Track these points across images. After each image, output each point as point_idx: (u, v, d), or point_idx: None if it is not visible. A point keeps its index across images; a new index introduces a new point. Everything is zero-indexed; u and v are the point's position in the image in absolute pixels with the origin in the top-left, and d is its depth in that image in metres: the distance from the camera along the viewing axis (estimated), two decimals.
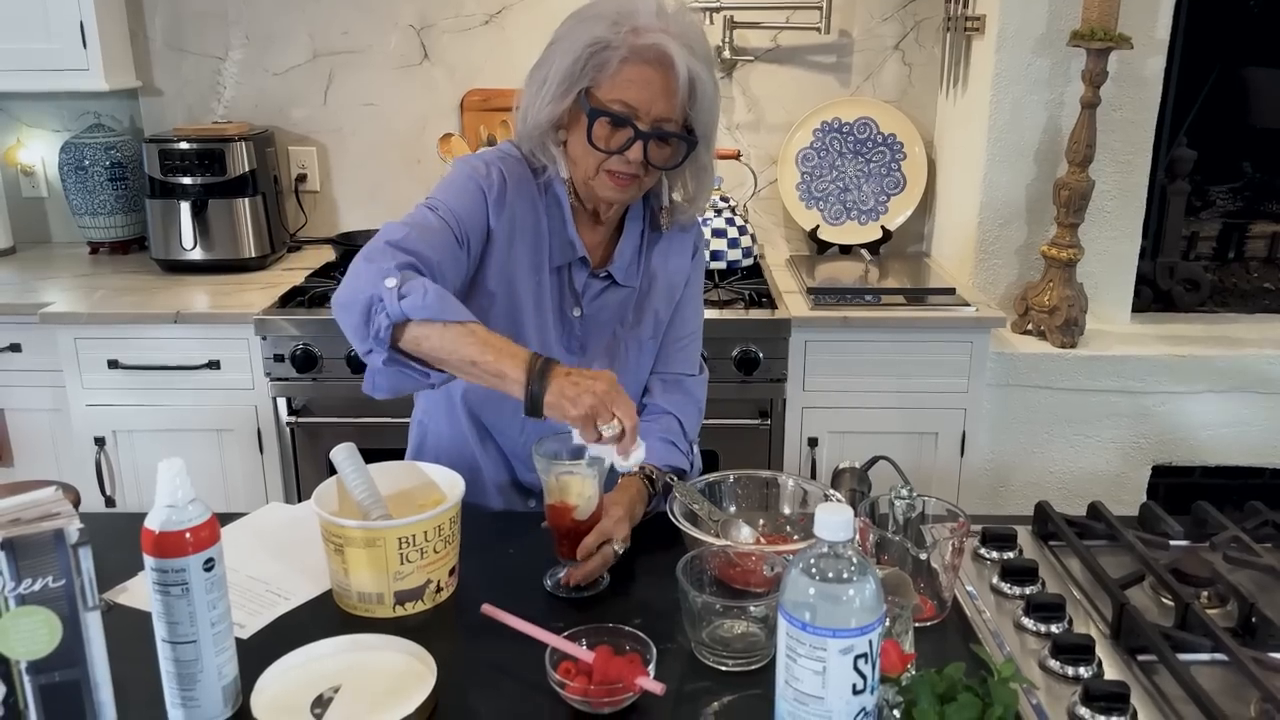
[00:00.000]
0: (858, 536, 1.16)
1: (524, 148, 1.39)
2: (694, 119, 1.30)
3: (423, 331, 1.17)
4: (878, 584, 0.86)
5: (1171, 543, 1.28)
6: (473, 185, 1.34)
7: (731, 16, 2.72)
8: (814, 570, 0.85)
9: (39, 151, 2.90)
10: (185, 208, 2.58)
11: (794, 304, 2.38)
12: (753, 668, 1.07)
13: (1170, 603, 1.15)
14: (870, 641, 0.84)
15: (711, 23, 2.73)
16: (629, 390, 1.41)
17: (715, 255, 2.54)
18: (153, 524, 0.93)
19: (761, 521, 1.33)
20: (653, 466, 1.36)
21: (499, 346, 1.16)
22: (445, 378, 1.23)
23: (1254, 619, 1.09)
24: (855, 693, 0.85)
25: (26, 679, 0.81)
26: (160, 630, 0.96)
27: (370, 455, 1.29)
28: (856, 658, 0.84)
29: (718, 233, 2.56)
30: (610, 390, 1.13)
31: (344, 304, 1.22)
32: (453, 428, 1.49)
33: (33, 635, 0.81)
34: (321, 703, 1.00)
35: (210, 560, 0.95)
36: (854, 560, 0.86)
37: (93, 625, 0.84)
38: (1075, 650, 1.03)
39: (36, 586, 0.80)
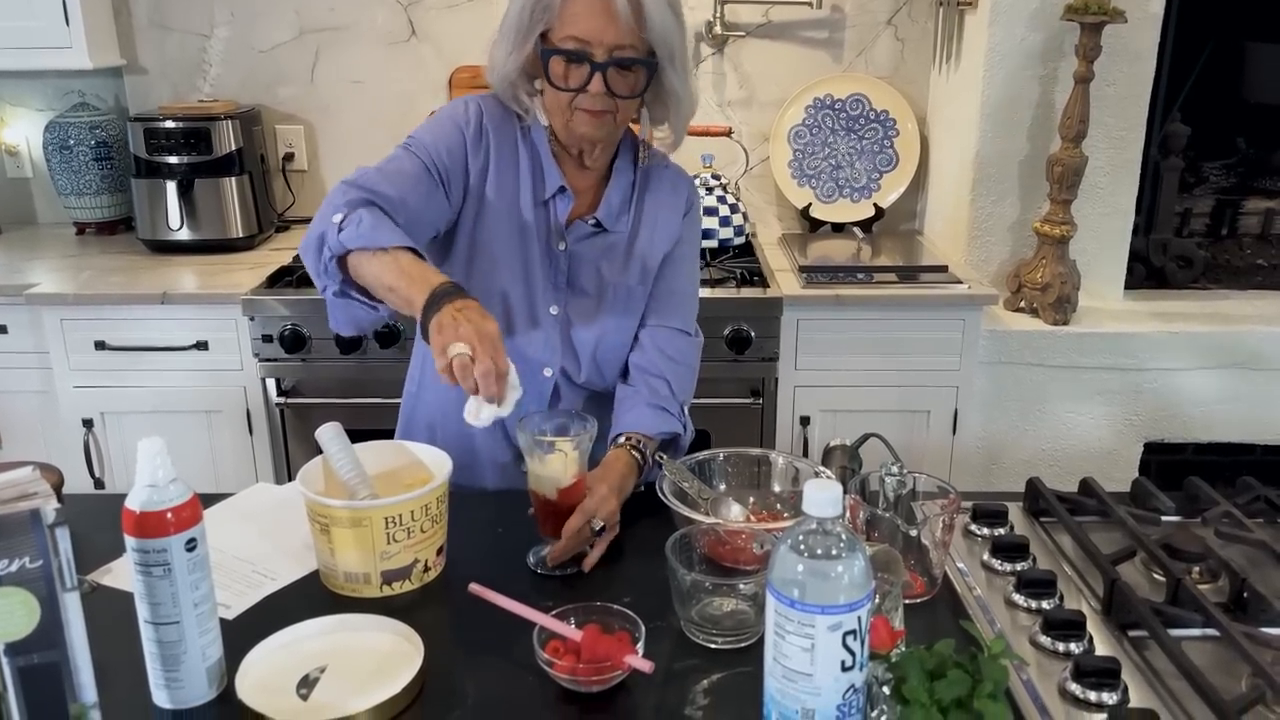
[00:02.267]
0: (848, 513, 1.16)
1: (504, 96, 1.42)
2: (651, 41, 1.30)
3: (359, 260, 1.22)
4: (866, 561, 0.85)
5: (1163, 518, 1.27)
6: (450, 123, 1.39)
7: None
8: (802, 547, 0.84)
9: (23, 131, 2.87)
10: (171, 187, 2.56)
11: (786, 282, 2.37)
12: (742, 645, 1.07)
13: (1161, 578, 1.14)
14: (859, 618, 0.84)
15: None
16: (617, 337, 1.45)
17: (707, 234, 2.52)
18: (133, 504, 0.92)
19: (752, 499, 1.33)
20: (641, 435, 1.36)
21: (414, 274, 1.18)
22: (391, 309, 1.25)
23: (1245, 594, 1.09)
24: (844, 669, 0.84)
25: (5, 661, 0.80)
26: (143, 611, 0.95)
27: (361, 435, 1.28)
28: (845, 634, 0.83)
29: (709, 211, 2.54)
30: (487, 335, 1.11)
31: (304, 247, 1.29)
32: (449, 403, 1.47)
33: (10, 617, 0.80)
34: (307, 683, 0.99)
35: (193, 540, 0.94)
36: (843, 537, 0.85)
37: (71, 606, 0.83)
38: (1066, 626, 1.03)
39: (13, 567, 0.79)
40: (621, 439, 1.35)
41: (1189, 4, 2.48)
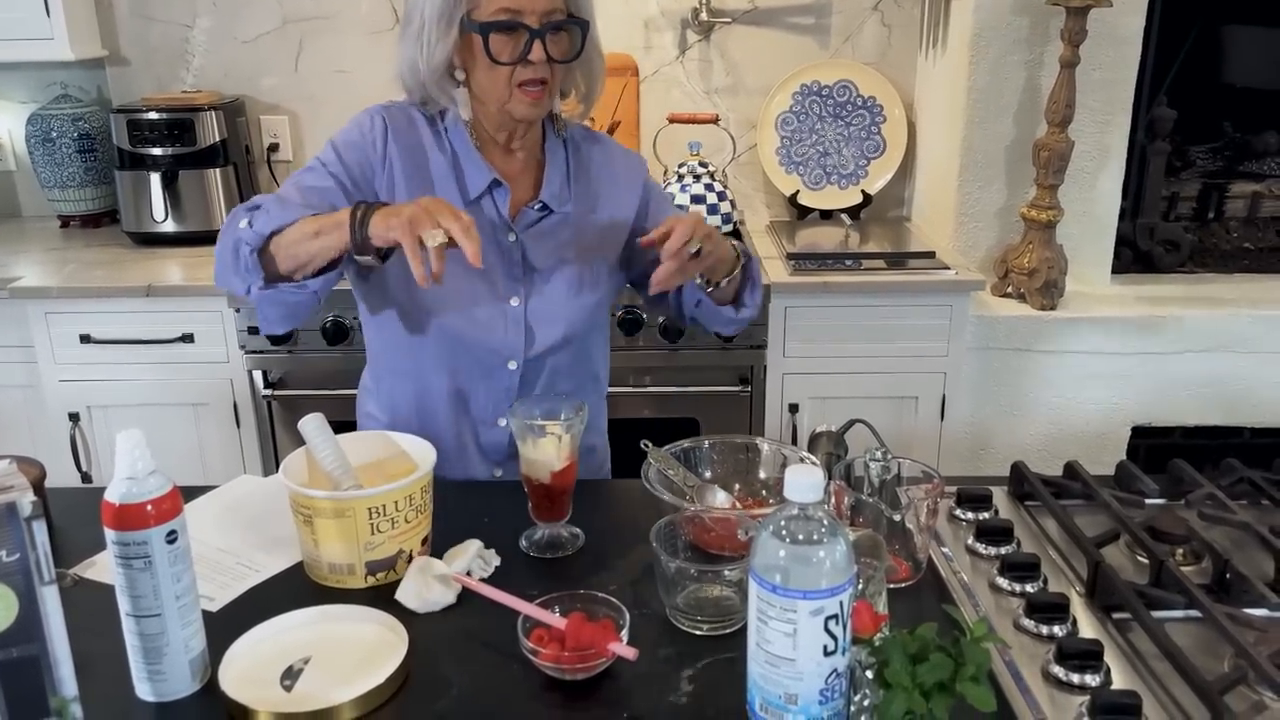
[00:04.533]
0: (833, 499, 1.16)
1: (416, 98, 1.42)
2: (575, 5, 1.31)
3: (276, 242, 1.26)
4: (848, 545, 0.85)
5: (1147, 501, 1.28)
6: (355, 135, 1.40)
7: None
8: (784, 532, 0.84)
9: (5, 124, 2.85)
10: (155, 179, 2.54)
11: (774, 270, 2.37)
12: (727, 631, 1.07)
13: (1145, 560, 1.14)
14: (841, 603, 0.84)
15: None
16: (581, 313, 1.45)
17: None
18: (112, 496, 0.92)
19: (738, 486, 1.32)
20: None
21: (334, 216, 1.24)
22: (321, 283, 1.30)
23: (1228, 575, 1.09)
24: (826, 654, 0.84)
25: None
26: (124, 604, 0.94)
27: (349, 426, 1.28)
28: (827, 619, 0.83)
29: (696, 199, 2.53)
30: (434, 202, 1.16)
31: (217, 272, 1.34)
32: (417, 402, 1.47)
33: None
34: (291, 674, 0.99)
35: (173, 532, 0.93)
36: (824, 522, 0.85)
37: (50, 600, 0.82)
38: (1049, 609, 1.03)
39: None
40: None
41: None
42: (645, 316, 2.27)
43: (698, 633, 1.07)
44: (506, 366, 1.43)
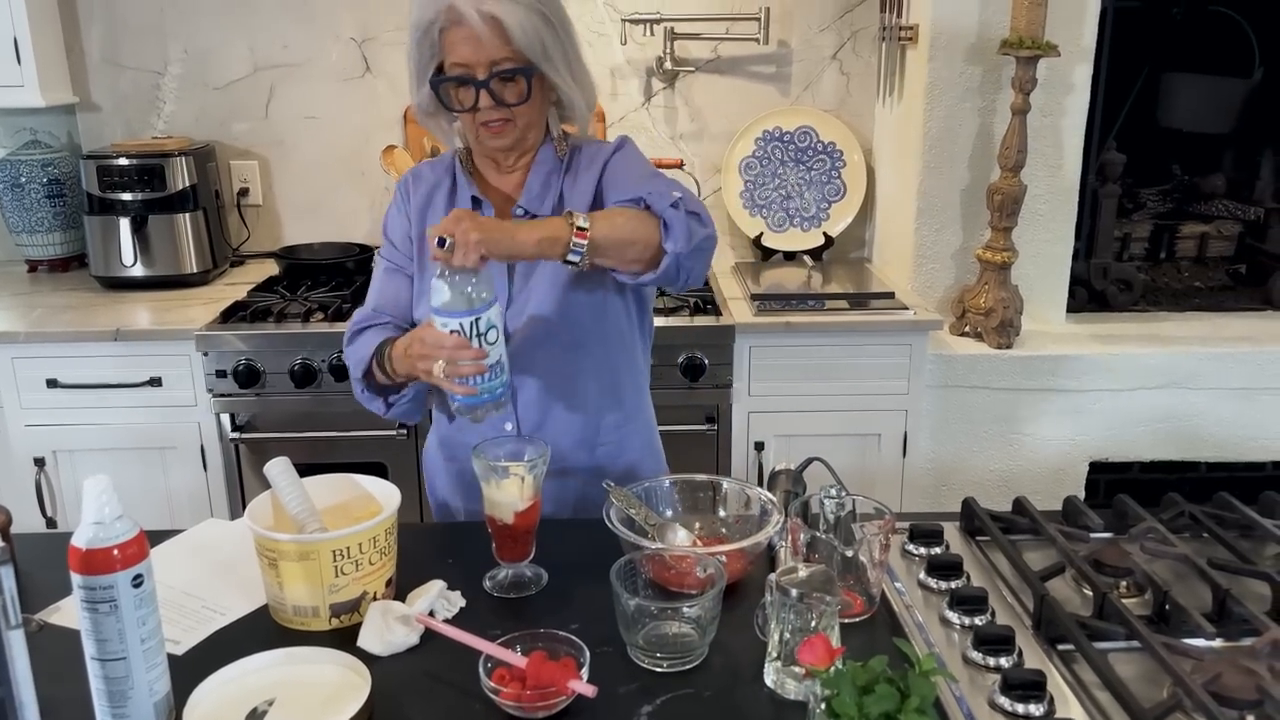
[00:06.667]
0: (789, 536, 1.19)
1: (430, 130, 1.54)
2: (524, 51, 1.38)
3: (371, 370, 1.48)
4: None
5: (1092, 535, 1.32)
6: (393, 210, 1.58)
7: (672, 28, 2.75)
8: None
9: None
10: (125, 224, 2.56)
11: (738, 310, 2.41)
12: (687, 668, 1.09)
13: (1089, 593, 1.18)
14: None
15: (652, 34, 2.76)
16: (558, 307, 1.47)
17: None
18: (79, 541, 0.93)
19: (698, 525, 1.35)
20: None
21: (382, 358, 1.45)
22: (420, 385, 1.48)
23: (1167, 606, 1.13)
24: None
25: None
26: (89, 648, 0.95)
27: (317, 469, 1.29)
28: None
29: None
30: (419, 345, 1.32)
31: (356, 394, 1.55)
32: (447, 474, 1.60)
33: None
34: (255, 716, 1.00)
35: (139, 576, 0.95)
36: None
37: (16, 644, 0.83)
38: (995, 641, 1.06)
39: None
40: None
41: (1120, 37, 2.58)
42: None
43: (658, 670, 1.09)
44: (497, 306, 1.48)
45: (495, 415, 1.35)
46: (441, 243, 1.20)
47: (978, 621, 1.13)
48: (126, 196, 2.57)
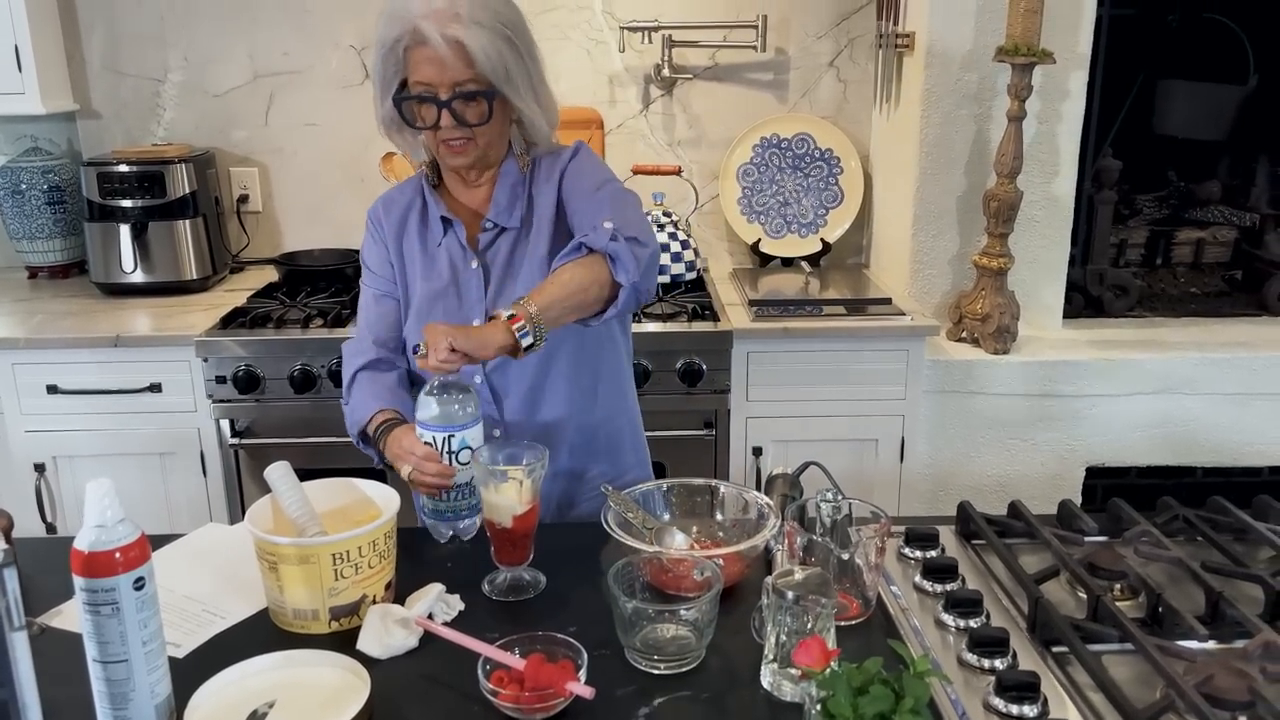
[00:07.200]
0: (786, 540, 1.20)
1: (393, 143, 1.56)
2: (485, 73, 1.40)
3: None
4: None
5: (1086, 539, 1.33)
6: (368, 240, 1.61)
7: (670, 35, 2.76)
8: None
9: None
10: (125, 230, 2.57)
11: (736, 316, 2.42)
12: (684, 670, 1.10)
13: (1084, 596, 1.19)
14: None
15: (650, 41, 2.78)
16: None
17: (660, 269, 2.58)
18: (82, 544, 0.94)
19: (695, 528, 1.36)
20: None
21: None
22: None
23: (1161, 609, 1.14)
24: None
25: None
26: (91, 650, 0.96)
27: (316, 474, 1.31)
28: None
29: (661, 248, 2.59)
30: (403, 453, 1.37)
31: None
32: None
33: None
34: (255, 718, 1.01)
35: (141, 579, 0.96)
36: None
37: (19, 646, 0.84)
38: (990, 643, 1.07)
39: None
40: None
41: (1116, 44, 2.60)
42: None
43: (655, 672, 1.10)
44: (473, 380, 1.50)
45: (461, 531, 1.39)
46: (415, 349, 1.29)
47: (973, 624, 1.14)
48: (127, 203, 2.58)
